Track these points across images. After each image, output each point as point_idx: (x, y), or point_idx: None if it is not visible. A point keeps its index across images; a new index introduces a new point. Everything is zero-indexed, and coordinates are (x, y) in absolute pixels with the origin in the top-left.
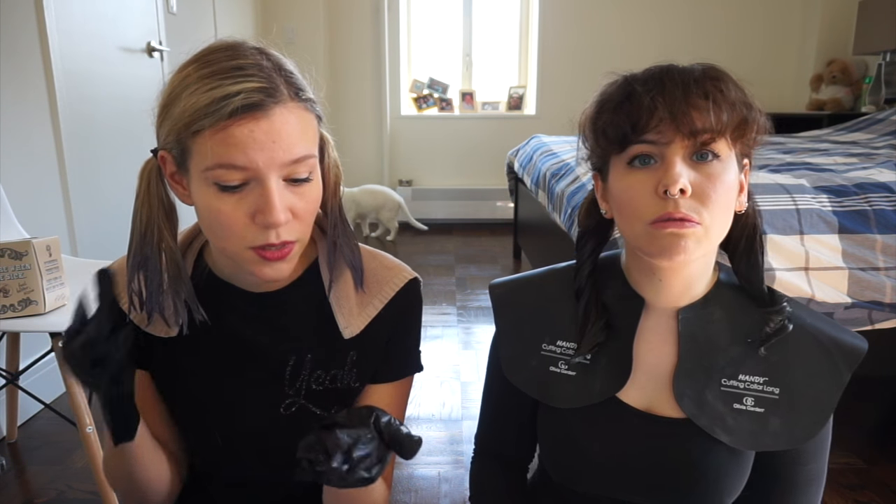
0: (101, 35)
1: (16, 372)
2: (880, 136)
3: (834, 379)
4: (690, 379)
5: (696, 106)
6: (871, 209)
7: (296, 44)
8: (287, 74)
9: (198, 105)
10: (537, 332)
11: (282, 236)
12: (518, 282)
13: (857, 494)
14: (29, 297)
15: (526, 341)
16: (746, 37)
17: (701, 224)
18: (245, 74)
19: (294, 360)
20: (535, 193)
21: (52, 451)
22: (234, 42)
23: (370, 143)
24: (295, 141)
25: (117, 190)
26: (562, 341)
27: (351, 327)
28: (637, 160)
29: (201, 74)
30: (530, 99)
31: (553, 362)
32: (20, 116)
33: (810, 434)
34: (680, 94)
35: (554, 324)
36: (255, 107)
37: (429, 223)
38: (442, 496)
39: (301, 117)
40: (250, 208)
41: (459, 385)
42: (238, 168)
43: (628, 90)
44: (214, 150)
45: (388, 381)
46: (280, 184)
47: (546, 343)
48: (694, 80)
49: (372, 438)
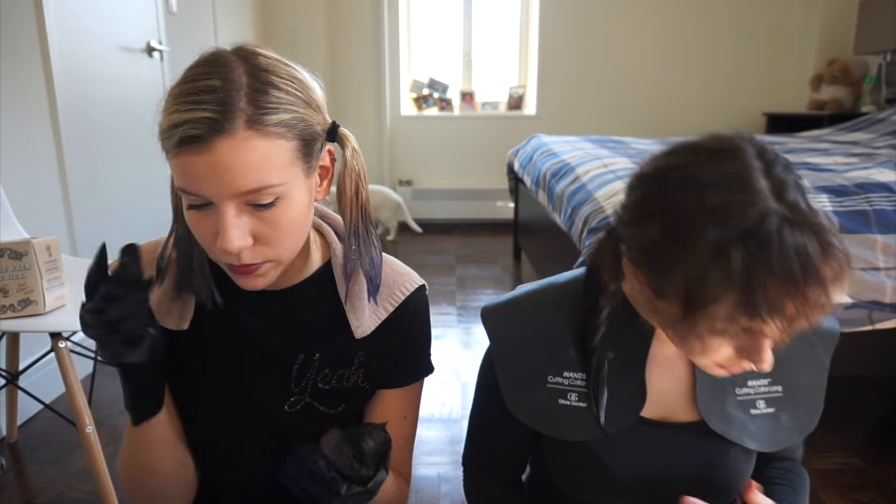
0: (101, 35)
1: (16, 372)
2: (881, 136)
3: (820, 365)
4: (711, 397)
5: (815, 303)
6: (872, 209)
7: (296, 44)
8: (256, 95)
9: (162, 127)
10: (541, 365)
11: (243, 259)
12: (511, 308)
13: (858, 494)
14: (29, 298)
15: (529, 375)
16: (747, 37)
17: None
18: (195, 101)
19: (302, 358)
20: (535, 193)
21: (51, 451)
22: (213, 55)
23: (370, 144)
24: (246, 172)
25: (117, 190)
26: (569, 372)
27: (363, 327)
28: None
29: (173, 94)
30: (530, 99)
31: (562, 395)
32: (20, 116)
33: (814, 420)
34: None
35: (557, 354)
36: (195, 139)
37: (429, 223)
38: (442, 496)
39: (256, 147)
40: (213, 228)
41: (459, 385)
42: (190, 193)
43: (747, 283)
44: (176, 172)
45: (402, 386)
46: (240, 208)
47: (552, 375)
48: (816, 277)
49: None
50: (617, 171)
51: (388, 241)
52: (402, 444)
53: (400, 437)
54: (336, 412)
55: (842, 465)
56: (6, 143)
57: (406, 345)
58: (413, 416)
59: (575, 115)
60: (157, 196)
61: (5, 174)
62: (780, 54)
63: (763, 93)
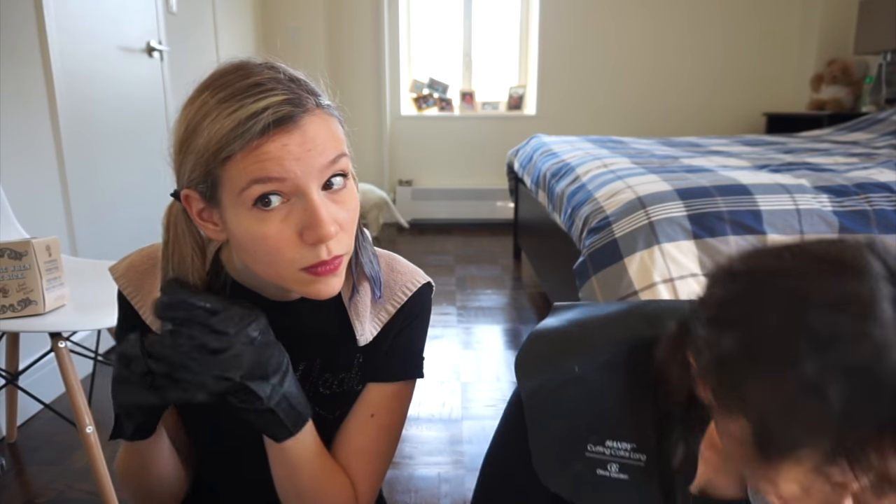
0: (101, 35)
1: (15, 372)
2: (881, 136)
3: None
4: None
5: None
6: (872, 209)
7: (296, 44)
8: (304, 84)
9: (223, 130)
10: (580, 431)
11: (333, 251)
12: (556, 368)
13: None
14: (29, 298)
15: (565, 440)
16: (747, 37)
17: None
18: (266, 90)
19: (304, 365)
20: (535, 193)
21: (51, 451)
22: (241, 61)
23: (370, 143)
24: (327, 145)
25: (117, 190)
26: (612, 441)
27: (366, 334)
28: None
29: (219, 99)
30: (530, 99)
31: (601, 465)
32: (20, 116)
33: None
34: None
35: (601, 421)
36: (286, 119)
37: (429, 223)
38: (442, 496)
39: (327, 121)
40: (297, 226)
41: (459, 385)
42: (274, 180)
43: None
44: (248, 169)
45: (385, 380)
46: (321, 194)
47: (592, 444)
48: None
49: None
50: (617, 171)
51: (373, 238)
52: (361, 443)
53: (360, 434)
54: (333, 417)
55: None
56: (6, 143)
57: (397, 339)
58: (386, 418)
59: (575, 115)
60: (157, 196)
61: (5, 174)
62: (780, 54)
63: (763, 93)
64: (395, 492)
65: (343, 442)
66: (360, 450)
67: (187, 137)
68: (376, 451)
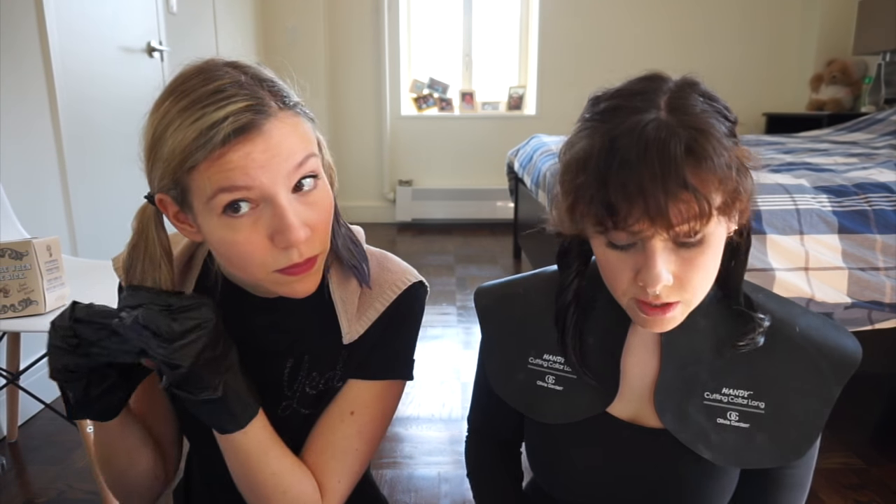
0: (102, 35)
1: (16, 372)
2: (880, 136)
3: (823, 394)
4: (670, 391)
5: (676, 198)
6: (871, 209)
7: (296, 44)
8: (269, 84)
9: (186, 140)
10: (524, 346)
11: (304, 254)
12: (504, 290)
13: (858, 494)
14: (29, 297)
15: (512, 354)
16: (746, 37)
17: (683, 302)
18: (226, 97)
19: (292, 363)
20: (535, 193)
21: (52, 451)
22: (204, 63)
23: (370, 143)
24: (294, 148)
25: (117, 190)
26: (548, 355)
27: (351, 332)
28: (617, 247)
29: (181, 107)
30: (530, 99)
31: (540, 376)
32: (20, 116)
33: (798, 452)
34: (659, 187)
35: (540, 337)
36: (248, 127)
37: (429, 223)
38: (442, 496)
39: (293, 123)
40: (266, 230)
41: (459, 385)
42: (240, 188)
43: (603, 175)
44: (213, 178)
45: (367, 378)
46: (290, 198)
47: (532, 357)
48: (675, 166)
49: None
50: None
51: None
52: (334, 442)
53: (334, 432)
54: (316, 412)
55: (841, 465)
56: (7, 143)
57: (384, 336)
58: (364, 418)
59: (575, 115)
60: None
61: (6, 174)
62: (780, 54)
63: (763, 93)
64: (395, 492)
65: (315, 438)
66: (331, 447)
67: (153, 145)
68: (349, 450)
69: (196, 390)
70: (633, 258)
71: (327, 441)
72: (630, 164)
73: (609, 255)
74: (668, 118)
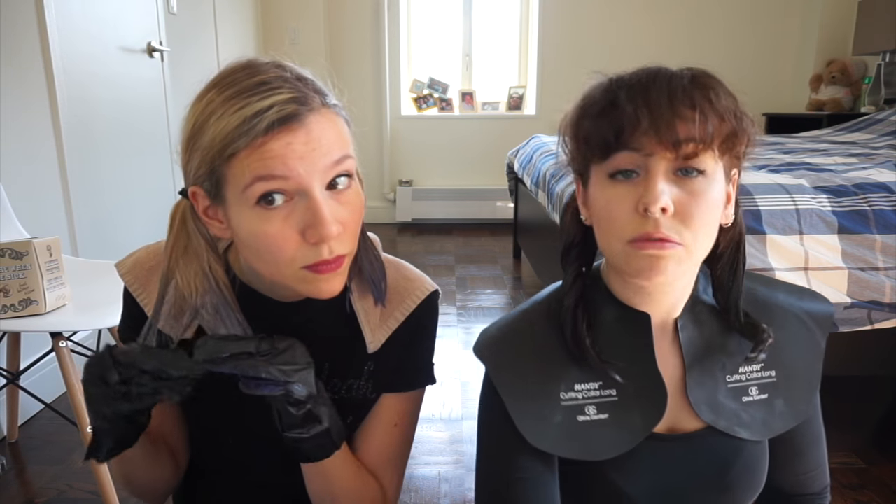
0: (102, 35)
1: (16, 372)
2: (880, 137)
3: (815, 349)
4: (701, 386)
5: (681, 116)
6: (871, 209)
7: (296, 44)
8: (310, 83)
9: (229, 127)
10: (550, 383)
11: (335, 251)
12: (506, 333)
13: (858, 494)
14: (30, 297)
15: (540, 398)
16: (746, 37)
17: (682, 245)
18: (272, 88)
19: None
20: (535, 193)
21: (52, 450)
22: (249, 60)
23: (370, 143)
24: (332, 145)
25: (118, 190)
26: (580, 384)
27: (375, 341)
28: (619, 174)
29: (225, 97)
30: (530, 99)
31: (579, 410)
32: (21, 116)
33: (810, 404)
34: (665, 102)
35: (564, 368)
36: (291, 118)
37: (429, 223)
38: (442, 496)
39: (333, 121)
40: (299, 224)
41: (459, 385)
42: (277, 177)
43: (611, 97)
44: (252, 166)
45: (400, 391)
46: (325, 194)
47: (563, 391)
48: (682, 88)
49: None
50: None
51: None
52: (388, 451)
53: (385, 444)
54: (346, 423)
55: (841, 465)
56: (7, 143)
57: (410, 348)
58: (406, 426)
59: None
60: (157, 196)
61: (6, 174)
62: (780, 55)
63: (762, 93)
64: None
65: (372, 452)
66: (388, 458)
67: (194, 135)
68: (401, 457)
69: (308, 425)
70: (635, 189)
71: (384, 455)
72: (639, 86)
73: (609, 192)
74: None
